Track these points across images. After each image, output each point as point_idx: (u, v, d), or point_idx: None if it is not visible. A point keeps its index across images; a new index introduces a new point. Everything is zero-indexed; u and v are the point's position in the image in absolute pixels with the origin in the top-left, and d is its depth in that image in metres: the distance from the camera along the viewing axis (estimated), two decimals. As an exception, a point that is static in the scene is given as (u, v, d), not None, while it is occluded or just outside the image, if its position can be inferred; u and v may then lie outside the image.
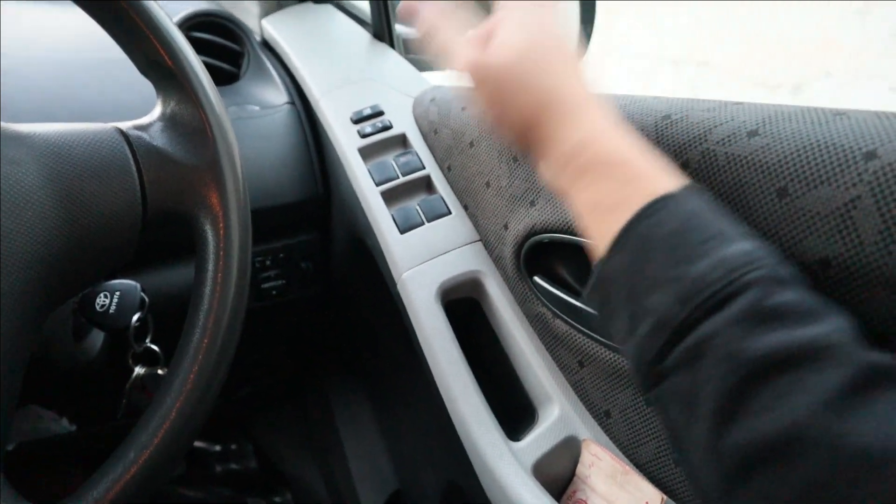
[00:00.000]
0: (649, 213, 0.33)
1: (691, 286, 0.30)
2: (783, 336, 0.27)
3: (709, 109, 0.44)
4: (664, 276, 0.31)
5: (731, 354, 0.27)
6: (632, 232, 0.33)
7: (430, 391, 0.60)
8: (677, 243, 0.31)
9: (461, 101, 0.65)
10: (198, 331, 0.43)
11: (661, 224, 0.32)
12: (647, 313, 0.31)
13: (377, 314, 0.76)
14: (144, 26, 0.43)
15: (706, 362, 0.28)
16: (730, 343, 0.28)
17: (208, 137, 0.45)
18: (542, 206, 0.54)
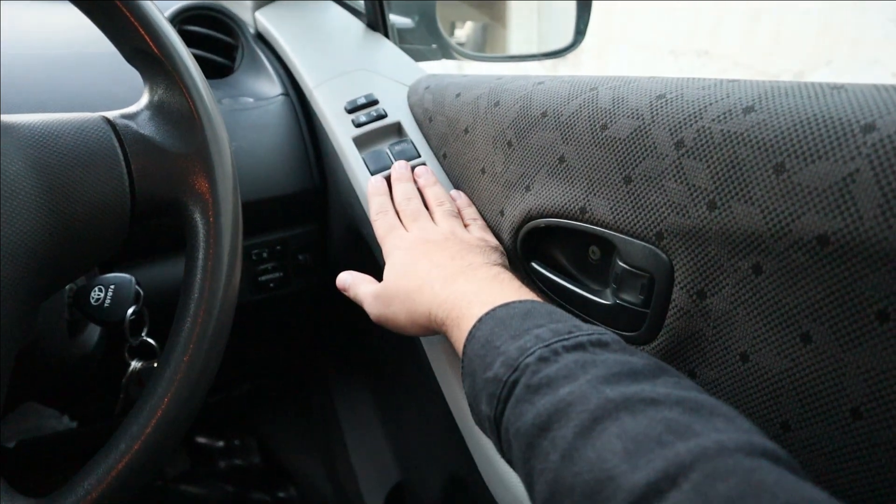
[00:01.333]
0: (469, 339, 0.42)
1: (492, 386, 0.37)
2: (543, 403, 0.33)
3: (704, 87, 0.43)
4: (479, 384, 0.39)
5: (518, 432, 0.34)
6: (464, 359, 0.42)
7: (431, 383, 0.60)
8: (484, 353, 0.39)
9: (455, 88, 0.64)
10: (188, 320, 0.42)
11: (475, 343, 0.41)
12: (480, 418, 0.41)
13: None
14: (129, 14, 0.42)
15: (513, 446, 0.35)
16: (514, 424, 0.35)
17: (196, 124, 0.44)
18: (538, 191, 0.53)
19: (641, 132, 0.45)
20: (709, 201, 0.40)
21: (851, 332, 0.35)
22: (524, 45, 1.56)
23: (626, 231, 0.46)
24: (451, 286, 0.47)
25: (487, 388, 0.38)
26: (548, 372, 0.34)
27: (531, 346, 0.37)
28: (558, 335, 0.37)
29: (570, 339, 0.37)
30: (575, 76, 0.54)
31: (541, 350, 0.36)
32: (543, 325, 0.39)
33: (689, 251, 0.43)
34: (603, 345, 0.37)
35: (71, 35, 0.79)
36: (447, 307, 0.46)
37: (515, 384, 0.36)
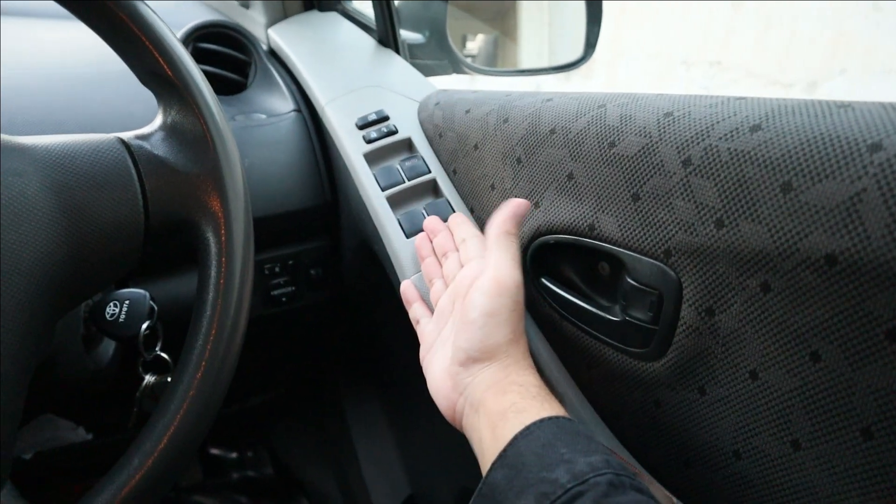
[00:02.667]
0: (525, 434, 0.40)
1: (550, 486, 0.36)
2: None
3: (711, 105, 0.43)
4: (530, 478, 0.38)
5: None
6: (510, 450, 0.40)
7: None
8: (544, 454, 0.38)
9: (465, 104, 0.65)
10: (201, 337, 0.43)
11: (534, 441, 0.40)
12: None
13: (388, 320, 0.76)
14: (144, 37, 0.43)
15: None
16: None
17: (209, 146, 0.45)
18: (547, 208, 0.53)
19: (649, 150, 0.45)
20: (716, 219, 0.40)
21: (861, 351, 0.35)
22: (535, 57, 1.56)
23: (635, 248, 0.47)
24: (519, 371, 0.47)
25: (540, 486, 0.37)
26: (619, 500, 0.34)
27: (602, 468, 0.36)
28: (626, 471, 0.37)
29: (635, 480, 0.37)
30: (583, 93, 0.54)
31: (611, 476, 0.36)
32: (609, 455, 0.38)
33: (697, 269, 0.43)
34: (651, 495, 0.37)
35: (91, 53, 0.80)
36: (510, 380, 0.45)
37: (578, 497, 0.35)
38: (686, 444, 0.47)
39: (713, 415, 0.44)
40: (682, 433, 0.47)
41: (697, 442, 0.46)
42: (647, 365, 0.48)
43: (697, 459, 0.46)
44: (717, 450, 0.45)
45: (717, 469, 0.45)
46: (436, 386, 0.50)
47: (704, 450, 0.46)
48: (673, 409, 0.47)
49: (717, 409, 0.44)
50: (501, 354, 0.47)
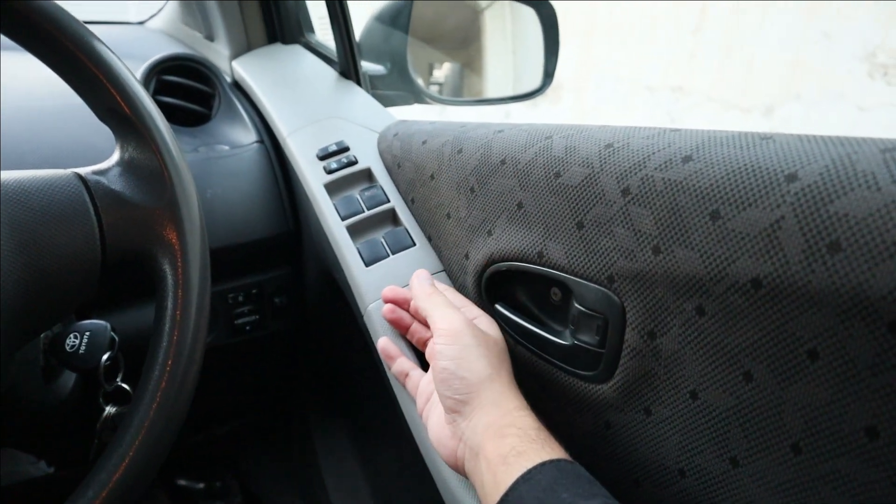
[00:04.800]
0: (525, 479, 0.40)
1: None
2: None
3: (648, 137, 0.46)
4: None
5: None
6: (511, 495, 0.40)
7: (405, 428, 0.61)
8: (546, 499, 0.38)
9: (422, 135, 0.67)
10: (157, 368, 0.44)
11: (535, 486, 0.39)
12: None
13: (349, 347, 0.77)
14: (101, 75, 0.44)
15: None
16: None
17: (166, 181, 0.46)
18: (499, 236, 0.55)
19: (591, 180, 0.47)
20: (653, 246, 0.42)
21: (787, 370, 0.37)
22: (501, 84, 1.59)
23: (581, 274, 0.48)
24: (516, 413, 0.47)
25: None
26: None
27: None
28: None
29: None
30: (533, 124, 0.56)
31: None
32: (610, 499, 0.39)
33: (638, 294, 0.44)
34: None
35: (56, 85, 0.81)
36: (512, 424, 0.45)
37: None
38: (635, 463, 0.48)
39: (659, 435, 0.46)
40: (631, 453, 0.49)
41: (645, 461, 0.47)
42: (595, 387, 0.49)
43: (646, 478, 0.48)
44: (663, 468, 0.46)
45: (665, 487, 0.46)
46: (436, 436, 0.51)
47: (652, 469, 0.47)
48: (622, 430, 0.49)
49: (662, 429, 0.45)
50: (485, 390, 0.48)
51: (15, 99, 0.78)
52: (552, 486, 0.39)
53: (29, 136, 0.72)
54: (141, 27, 1.25)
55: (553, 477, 0.40)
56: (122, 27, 1.24)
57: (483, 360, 0.49)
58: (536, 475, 0.40)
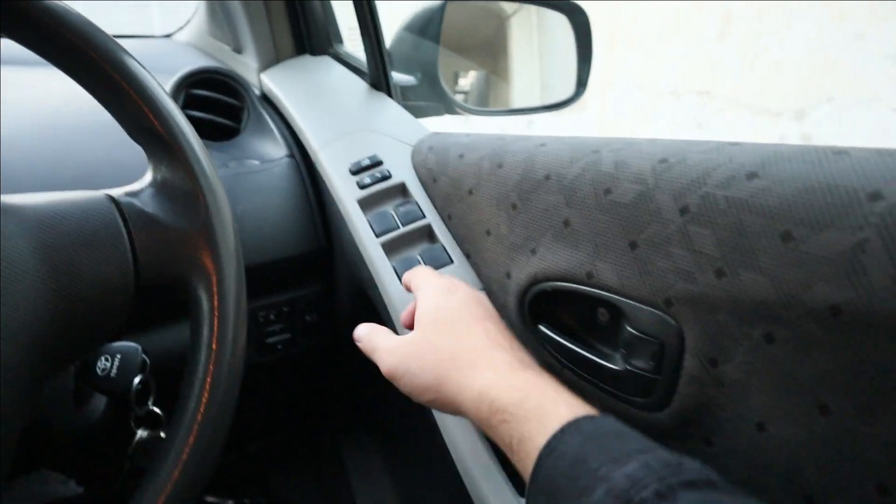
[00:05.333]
0: (549, 452, 0.36)
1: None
2: None
3: (705, 151, 0.43)
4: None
5: None
6: (539, 473, 0.37)
7: (440, 446, 0.59)
8: (576, 474, 0.34)
9: (458, 148, 0.65)
10: (192, 399, 0.42)
11: (560, 459, 0.36)
12: None
13: None
14: (133, 92, 0.43)
15: None
16: None
17: (200, 202, 0.44)
18: (543, 255, 0.53)
19: (645, 197, 0.44)
20: (716, 269, 0.40)
21: (871, 403, 0.34)
22: (527, 93, 1.57)
23: (634, 297, 0.46)
24: (522, 374, 0.43)
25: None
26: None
27: (643, 478, 0.32)
28: (668, 466, 0.32)
29: (682, 474, 0.32)
30: (577, 138, 0.54)
31: (656, 484, 0.31)
32: (647, 450, 0.34)
33: (698, 318, 0.42)
34: (712, 484, 0.32)
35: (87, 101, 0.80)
36: (517, 395, 0.41)
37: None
38: None
39: (720, 467, 0.43)
40: None
41: None
42: (650, 415, 0.47)
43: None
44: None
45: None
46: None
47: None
48: (679, 460, 0.46)
49: (724, 461, 0.43)
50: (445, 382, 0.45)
51: (44, 117, 0.77)
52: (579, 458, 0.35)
53: (59, 155, 0.71)
54: (168, 40, 1.25)
55: (578, 444, 0.36)
56: (149, 41, 1.24)
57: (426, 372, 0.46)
58: (559, 446, 0.36)
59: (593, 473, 0.33)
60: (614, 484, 0.32)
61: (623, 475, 0.32)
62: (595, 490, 0.32)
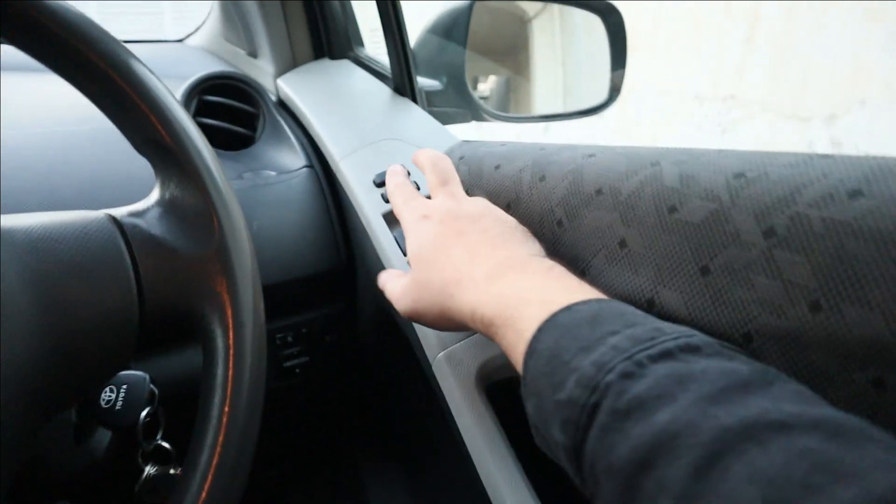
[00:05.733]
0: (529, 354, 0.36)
1: (567, 411, 0.31)
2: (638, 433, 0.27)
3: (791, 165, 0.37)
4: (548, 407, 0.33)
5: (609, 468, 0.28)
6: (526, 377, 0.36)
7: (472, 477, 0.53)
8: (552, 370, 0.33)
9: (494, 158, 0.59)
10: (205, 453, 0.37)
11: (539, 358, 0.35)
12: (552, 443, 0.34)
13: (410, 393, 0.70)
14: (138, 99, 0.38)
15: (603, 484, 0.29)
16: (604, 458, 0.28)
17: (213, 224, 0.39)
18: (595, 278, 0.47)
19: (720, 217, 0.39)
20: (811, 301, 0.34)
21: None
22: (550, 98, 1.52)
23: (705, 329, 0.40)
24: (500, 281, 0.41)
25: (560, 412, 0.32)
26: (636, 391, 0.28)
27: (609, 360, 0.30)
28: (638, 343, 0.31)
29: (654, 347, 0.30)
30: (630, 148, 0.49)
31: (622, 364, 0.30)
32: (618, 330, 0.33)
33: (786, 357, 0.36)
34: (694, 349, 0.30)
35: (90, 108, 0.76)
36: (496, 306, 0.40)
37: (597, 408, 0.30)
38: None
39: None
40: None
41: None
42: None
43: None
44: None
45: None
46: None
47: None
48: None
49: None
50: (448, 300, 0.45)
51: (44, 126, 0.72)
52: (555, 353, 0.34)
53: (59, 169, 0.66)
54: (180, 45, 1.21)
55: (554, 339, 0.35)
56: (160, 45, 1.19)
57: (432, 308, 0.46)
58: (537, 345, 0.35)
59: (566, 366, 0.32)
60: (582, 373, 0.31)
61: (590, 362, 0.31)
62: (566, 382, 0.32)
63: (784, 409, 0.25)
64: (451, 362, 0.54)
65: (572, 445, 0.31)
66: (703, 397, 0.27)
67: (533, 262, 0.43)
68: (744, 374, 0.28)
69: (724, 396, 0.26)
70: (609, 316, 0.34)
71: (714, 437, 0.25)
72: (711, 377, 0.28)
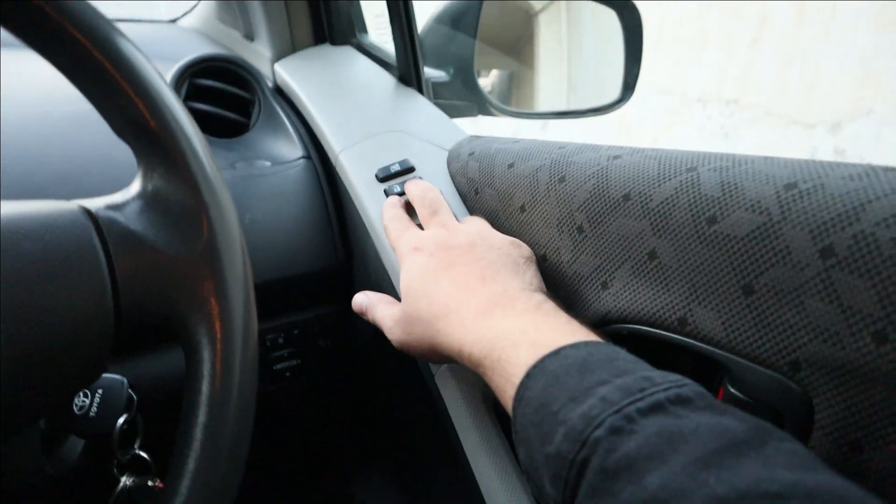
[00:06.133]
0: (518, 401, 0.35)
1: (556, 465, 0.30)
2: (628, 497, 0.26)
3: (853, 177, 0.34)
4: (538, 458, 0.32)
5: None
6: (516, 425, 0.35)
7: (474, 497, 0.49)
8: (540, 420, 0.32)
9: (507, 156, 0.55)
10: (187, 478, 0.32)
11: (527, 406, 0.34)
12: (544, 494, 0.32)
13: (409, 404, 0.66)
14: (119, 76, 0.33)
15: None
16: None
17: (202, 221, 0.35)
18: (619, 291, 0.43)
19: (768, 232, 0.35)
20: (875, 331, 0.30)
21: None
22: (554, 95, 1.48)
23: (745, 354, 0.36)
24: (487, 320, 0.41)
25: (549, 466, 0.31)
26: (626, 450, 0.27)
27: (598, 414, 0.30)
28: (629, 395, 0.30)
29: (644, 399, 0.29)
30: (662, 150, 0.45)
31: (611, 418, 0.29)
32: (607, 380, 0.31)
33: (840, 390, 0.32)
34: (685, 401, 0.29)
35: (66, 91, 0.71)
36: (484, 347, 0.39)
37: (586, 465, 0.29)
38: None
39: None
40: None
41: None
42: None
43: None
44: None
45: None
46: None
47: None
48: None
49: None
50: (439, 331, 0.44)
51: (21, 102, 0.67)
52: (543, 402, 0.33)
53: (33, 152, 0.61)
54: (172, 25, 1.15)
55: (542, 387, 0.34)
56: (150, 25, 1.14)
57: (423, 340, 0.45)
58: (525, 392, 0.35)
59: (554, 417, 0.32)
60: (571, 426, 0.30)
61: (579, 415, 0.30)
62: (555, 435, 0.31)
63: (778, 476, 0.24)
64: (455, 374, 0.50)
65: (563, 501, 0.30)
66: (694, 461, 0.26)
67: (522, 298, 0.42)
68: (737, 434, 0.27)
69: (717, 460, 0.26)
70: (598, 362, 0.33)
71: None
72: (703, 437, 0.27)
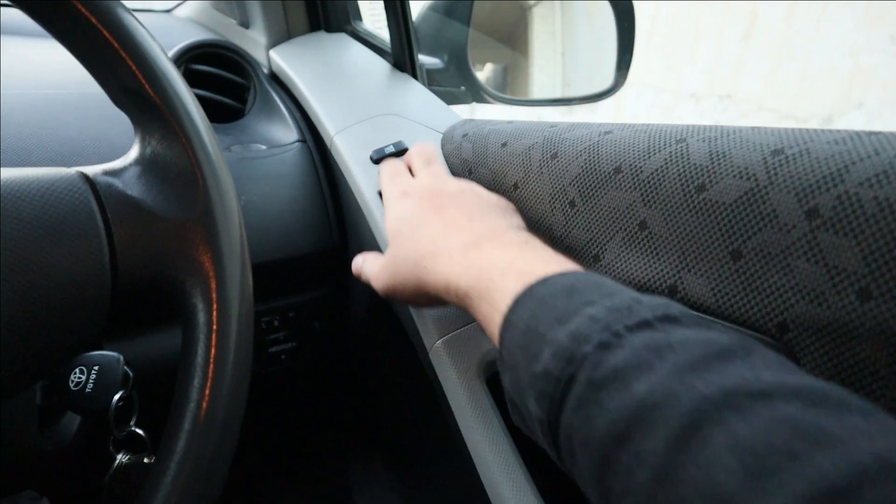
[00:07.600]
0: (506, 327, 0.35)
1: (542, 383, 0.30)
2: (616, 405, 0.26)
3: (837, 142, 0.34)
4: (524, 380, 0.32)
5: (585, 442, 0.27)
6: (502, 351, 0.35)
7: (469, 473, 0.50)
8: (527, 343, 0.32)
9: (500, 136, 0.56)
10: (183, 438, 0.33)
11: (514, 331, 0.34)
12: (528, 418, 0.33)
13: (404, 384, 0.66)
14: (118, 45, 0.34)
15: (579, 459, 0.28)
16: (581, 431, 0.28)
17: (199, 185, 0.35)
18: (611, 262, 0.44)
19: (755, 196, 0.36)
20: (859, 289, 0.31)
21: None
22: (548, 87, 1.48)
23: (734, 318, 0.37)
24: (475, 252, 0.41)
25: (536, 384, 0.31)
26: (614, 362, 0.27)
27: (586, 331, 0.29)
28: (616, 312, 0.30)
29: (632, 317, 0.29)
30: (652, 125, 0.45)
31: (599, 334, 0.29)
32: (595, 300, 0.31)
33: (826, 349, 0.33)
34: (672, 319, 0.29)
35: (66, 74, 0.71)
36: (471, 277, 0.39)
37: (573, 380, 0.29)
38: None
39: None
40: None
41: None
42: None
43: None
44: None
45: None
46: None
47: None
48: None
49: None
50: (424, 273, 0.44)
51: (20, 86, 0.67)
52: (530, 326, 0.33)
53: (34, 129, 0.61)
54: (167, 15, 1.16)
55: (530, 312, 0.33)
56: (146, 15, 1.14)
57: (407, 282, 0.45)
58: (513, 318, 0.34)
59: (542, 338, 0.31)
60: (558, 345, 0.30)
61: (566, 333, 0.30)
62: (542, 354, 0.31)
63: (764, 377, 0.24)
64: (450, 350, 0.51)
65: (548, 419, 0.30)
66: (681, 367, 0.26)
67: (510, 234, 0.42)
68: (723, 343, 0.27)
69: (704, 365, 0.25)
70: (586, 286, 0.33)
71: (693, 407, 0.24)
72: (690, 347, 0.27)
